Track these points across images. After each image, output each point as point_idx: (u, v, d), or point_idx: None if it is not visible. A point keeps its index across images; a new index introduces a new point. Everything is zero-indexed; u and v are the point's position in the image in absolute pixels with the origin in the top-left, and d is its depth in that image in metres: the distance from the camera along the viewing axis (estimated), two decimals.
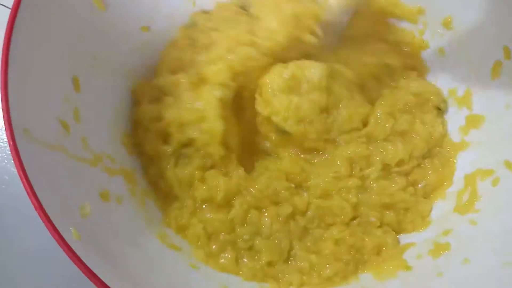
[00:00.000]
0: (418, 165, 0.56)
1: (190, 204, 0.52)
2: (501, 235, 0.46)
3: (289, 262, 0.52)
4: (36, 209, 0.34)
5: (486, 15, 0.53)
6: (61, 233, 0.34)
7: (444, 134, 0.57)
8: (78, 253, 0.33)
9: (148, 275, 0.42)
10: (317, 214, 0.53)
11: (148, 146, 0.54)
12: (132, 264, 0.41)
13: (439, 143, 0.57)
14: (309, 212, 0.53)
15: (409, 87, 0.59)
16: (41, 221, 0.34)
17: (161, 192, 0.54)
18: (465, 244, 0.49)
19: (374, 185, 0.54)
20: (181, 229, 0.52)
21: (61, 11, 0.45)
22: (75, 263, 0.33)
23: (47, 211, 0.34)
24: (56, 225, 0.34)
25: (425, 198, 0.55)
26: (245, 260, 0.51)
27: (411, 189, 0.54)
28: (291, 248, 0.52)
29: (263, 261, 0.51)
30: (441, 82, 0.60)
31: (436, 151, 0.57)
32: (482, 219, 0.50)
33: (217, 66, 0.53)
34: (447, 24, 0.58)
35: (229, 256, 0.51)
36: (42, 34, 0.43)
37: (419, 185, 0.55)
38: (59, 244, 0.33)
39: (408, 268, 0.51)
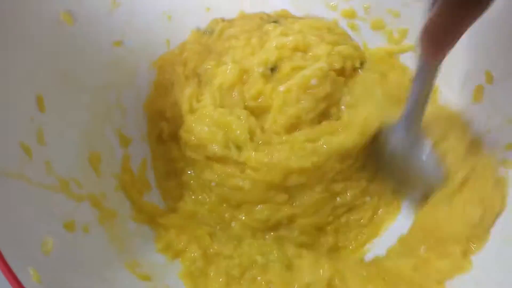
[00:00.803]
0: None
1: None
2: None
3: None
4: None
5: (468, 39, 0.53)
6: (18, 276, 0.30)
7: None
8: None
9: None
10: None
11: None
12: None
13: None
14: None
15: None
16: None
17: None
18: None
19: None
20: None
21: (24, 26, 0.42)
22: None
23: (1, 250, 0.30)
24: (12, 267, 0.30)
25: None
26: None
27: None
28: None
29: None
30: None
31: None
32: None
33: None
34: None
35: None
36: (2, 49, 0.39)
37: None
38: None
39: None
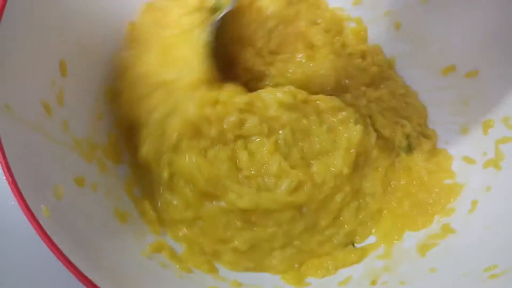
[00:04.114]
0: None
1: None
2: (463, 248, 0.49)
3: None
4: (9, 184, 0.35)
5: None
6: (32, 209, 0.34)
7: None
8: (47, 229, 0.34)
9: (116, 259, 0.42)
10: None
11: None
12: (100, 247, 0.41)
13: None
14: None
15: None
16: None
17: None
18: (434, 253, 0.51)
19: None
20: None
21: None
22: (42, 239, 0.33)
23: (19, 185, 0.34)
24: (27, 201, 0.34)
25: None
26: None
27: None
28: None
29: None
30: None
31: None
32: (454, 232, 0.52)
33: None
34: None
35: None
36: (34, 17, 0.43)
37: None
38: (29, 220, 0.34)
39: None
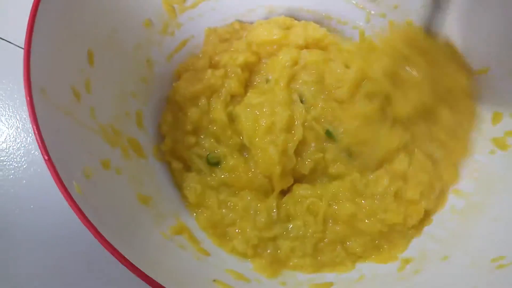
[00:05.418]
0: None
1: None
2: (472, 239, 0.51)
3: None
4: (45, 162, 0.37)
5: None
6: (66, 185, 0.37)
7: None
8: (79, 204, 0.36)
9: (137, 238, 0.45)
10: None
11: None
12: (123, 225, 0.44)
13: None
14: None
15: None
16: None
17: None
18: (446, 242, 0.53)
19: None
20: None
21: None
22: (75, 212, 0.36)
23: (55, 163, 0.37)
24: (62, 177, 0.37)
25: None
26: None
27: None
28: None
29: None
30: None
31: None
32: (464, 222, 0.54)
33: None
34: None
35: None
36: (67, 7, 0.46)
37: None
38: (63, 195, 0.36)
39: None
